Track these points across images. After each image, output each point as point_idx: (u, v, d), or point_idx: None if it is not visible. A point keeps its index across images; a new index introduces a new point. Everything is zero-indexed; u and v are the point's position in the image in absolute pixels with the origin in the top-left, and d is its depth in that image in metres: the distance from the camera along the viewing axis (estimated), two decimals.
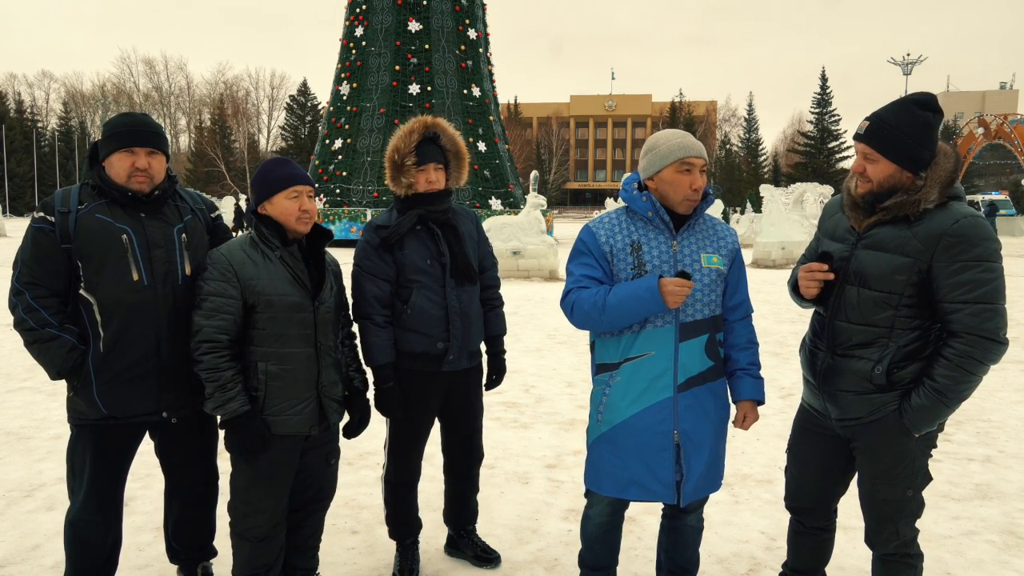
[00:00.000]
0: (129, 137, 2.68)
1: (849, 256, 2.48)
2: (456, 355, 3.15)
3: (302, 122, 74.86)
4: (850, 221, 2.52)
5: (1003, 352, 2.33)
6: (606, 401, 2.64)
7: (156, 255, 2.70)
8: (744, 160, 78.80)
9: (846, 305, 2.48)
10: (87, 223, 2.64)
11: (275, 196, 2.67)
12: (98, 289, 2.64)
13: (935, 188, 2.35)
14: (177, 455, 2.97)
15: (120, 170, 2.68)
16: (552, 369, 7.58)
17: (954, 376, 2.31)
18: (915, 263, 2.34)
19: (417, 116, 3.28)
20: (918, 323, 2.40)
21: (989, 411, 6.12)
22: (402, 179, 3.13)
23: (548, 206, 23.14)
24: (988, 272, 2.28)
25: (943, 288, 2.31)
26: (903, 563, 2.56)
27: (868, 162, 2.41)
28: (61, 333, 2.63)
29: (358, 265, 3.13)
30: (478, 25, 29.33)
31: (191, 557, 3.15)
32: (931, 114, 2.38)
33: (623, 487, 2.63)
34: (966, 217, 2.30)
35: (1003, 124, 46.36)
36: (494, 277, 3.42)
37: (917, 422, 2.39)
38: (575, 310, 2.62)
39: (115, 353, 2.65)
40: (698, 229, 2.67)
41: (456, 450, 3.40)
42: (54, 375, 2.68)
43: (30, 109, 74.57)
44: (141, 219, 2.71)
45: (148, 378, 2.70)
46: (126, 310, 2.65)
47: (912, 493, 2.48)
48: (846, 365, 2.49)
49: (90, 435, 2.73)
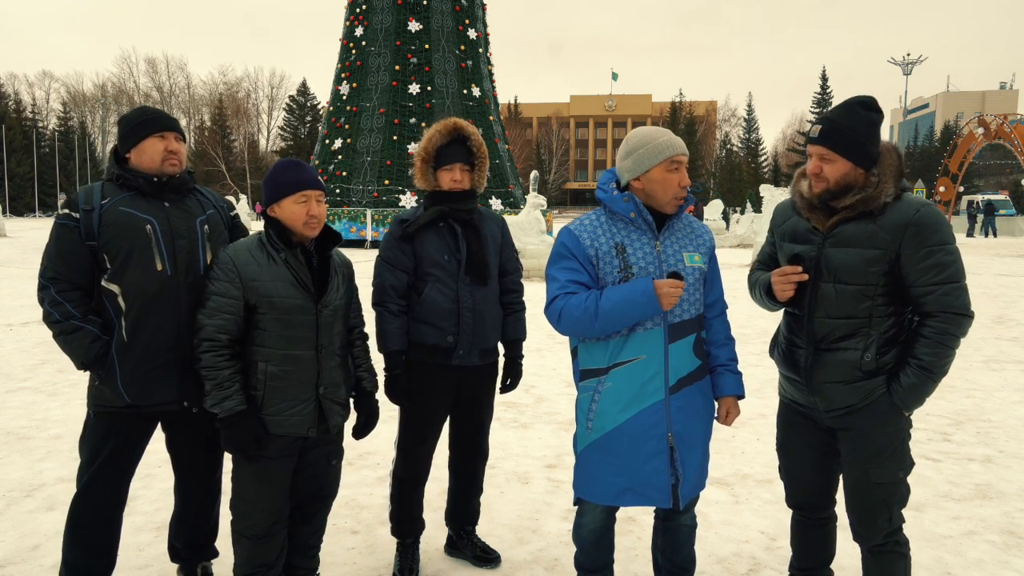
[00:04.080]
0: (160, 123, 2.81)
1: (818, 255, 2.57)
2: (466, 350, 3.19)
3: (302, 122, 74.86)
4: (811, 222, 2.60)
5: (971, 324, 2.50)
6: (596, 408, 2.59)
7: (179, 245, 2.78)
8: (744, 160, 78.81)
9: (824, 302, 2.56)
10: (111, 217, 2.71)
11: (283, 200, 2.67)
12: (123, 279, 2.71)
13: (890, 182, 2.50)
14: (190, 446, 3.00)
15: (154, 154, 2.78)
16: (552, 369, 7.58)
17: (937, 352, 2.45)
18: (885, 253, 2.47)
19: (417, 116, 3.33)
20: (893, 310, 2.53)
21: (989, 411, 6.12)
22: (429, 176, 3.24)
23: (548, 206, 23.11)
24: (950, 255, 2.45)
25: (912, 273, 2.46)
26: (895, 552, 2.62)
27: (825, 162, 2.52)
28: (84, 324, 2.70)
29: (380, 255, 3.25)
30: (478, 25, 29.30)
31: (192, 556, 3.16)
32: (875, 114, 2.54)
33: (617, 494, 2.60)
34: (924, 206, 2.48)
35: (1003, 124, 46.31)
36: (516, 282, 3.45)
37: (908, 400, 2.50)
38: (563, 317, 2.54)
39: (137, 342, 2.71)
40: (678, 229, 2.66)
41: (461, 446, 3.43)
42: (79, 365, 2.75)
43: (30, 109, 74.57)
44: (165, 209, 2.79)
45: (171, 367, 2.75)
46: (149, 299, 2.72)
47: (903, 475, 2.59)
48: (833, 358, 2.56)
49: (108, 421, 2.79)
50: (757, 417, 5.79)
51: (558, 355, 8.28)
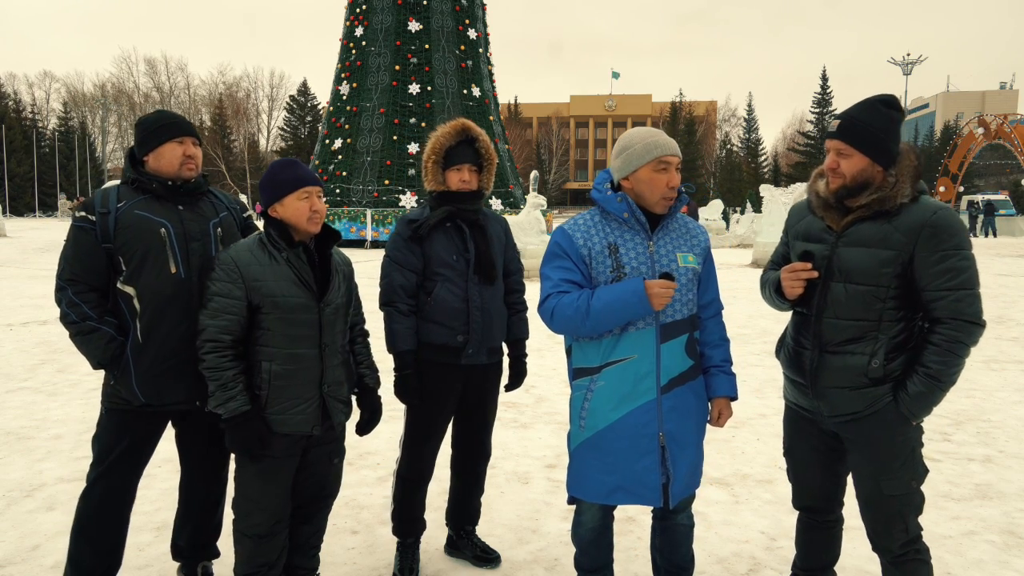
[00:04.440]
0: (179, 127, 2.85)
1: (830, 254, 2.53)
2: (475, 349, 3.22)
3: (302, 122, 74.84)
4: (825, 222, 2.58)
5: (982, 333, 2.44)
6: (588, 406, 2.61)
7: (193, 248, 2.83)
8: (744, 160, 78.82)
9: (833, 302, 2.53)
10: (126, 220, 2.76)
11: (286, 198, 2.69)
12: (138, 281, 2.75)
13: (907, 183, 2.45)
14: (201, 443, 3.03)
15: (173, 158, 2.82)
16: (552, 369, 7.58)
17: (946, 360, 2.39)
18: (899, 255, 2.42)
19: (417, 116, 3.34)
20: (903, 314, 2.48)
21: (989, 411, 6.12)
22: (438, 177, 3.25)
23: (548, 206, 23.11)
24: (965, 260, 2.39)
25: (925, 277, 2.41)
26: (917, 560, 2.56)
27: (842, 157, 2.49)
28: (100, 326, 2.75)
29: (388, 255, 3.25)
30: (478, 25, 29.28)
31: (194, 555, 3.17)
32: (896, 112, 2.50)
33: (608, 493, 2.61)
34: (941, 209, 2.42)
35: (1003, 124, 46.37)
36: (519, 282, 3.48)
37: (916, 409, 2.44)
38: (555, 316, 2.56)
39: (152, 343, 2.76)
40: (672, 229, 2.66)
41: (464, 445, 3.45)
42: (95, 365, 2.79)
43: (30, 109, 74.57)
44: (179, 212, 2.83)
45: (184, 367, 2.77)
46: (163, 301, 2.76)
47: (916, 485, 2.52)
48: (839, 361, 2.52)
49: (120, 419, 2.83)
50: (757, 417, 5.80)
51: (558, 355, 8.28)
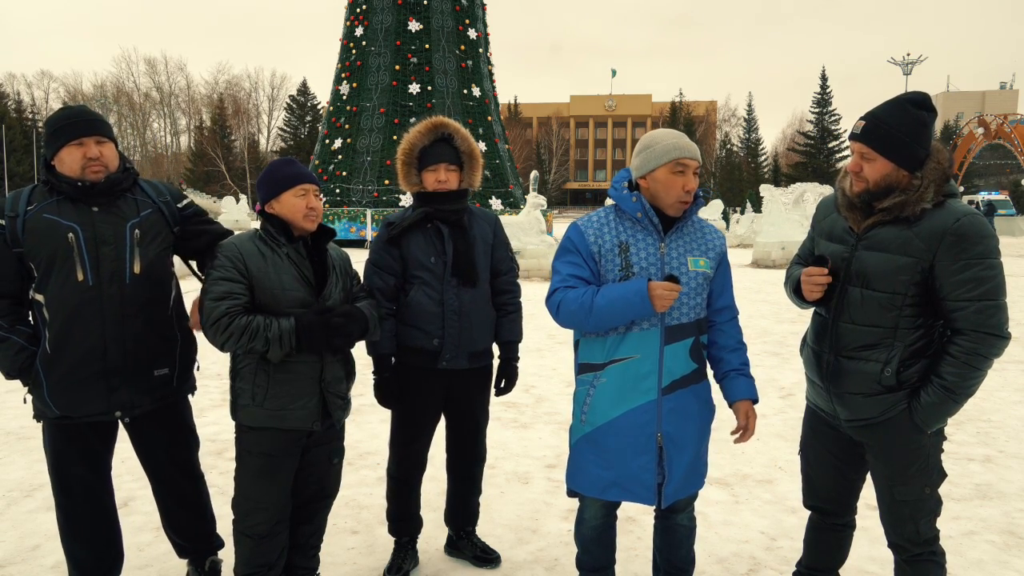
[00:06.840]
0: (76, 129, 2.64)
1: (850, 257, 2.47)
2: (452, 354, 3.15)
3: (302, 122, 74.78)
4: (848, 222, 2.51)
5: (1006, 346, 2.35)
6: (590, 402, 2.63)
7: (104, 253, 2.66)
8: (744, 160, 78.83)
9: (850, 306, 2.47)
10: (34, 224, 2.61)
11: (283, 194, 2.70)
12: (46, 289, 2.64)
13: (932, 187, 2.34)
14: (151, 452, 2.98)
15: (73, 163, 2.64)
16: (552, 369, 7.58)
17: (962, 373, 2.32)
18: (918, 262, 2.33)
19: (417, 116, 3.30)
20: (921, 321, 2.40)
21: (989, 411, 6.12)
22: (412, 178, 3.18)
23: (548, 206, 23.13)
24: (990, 269, 2.29)
25: (946, 286, 2.31)
26: (931, 562, 2.55)
27: (865, 161, 2.39)
28: (10, 335, 2.66)
29: (369, 259, 3.21)
30: (478, 25, 29.28)
31: (197, 549, 3.16)
32: (926, 113, 2.37)
33: (604, 488, 2.63)
34: (967, 215, 2.30)
35: (1003, 124, 46.37)
36: (511, 282, 3.35)
37: (928, 419, 2.40)
38: (561, 309, 2.59)
39: (60, 353, 2.65)
40: (686, 232, 2.65)
41: (457, 449, 3.42)
42: (5, 375, 2.71)
43: (30, 109, 74.53)
44: (92, 214, 2.66)
45: (96, 378, 2.68)
46: (70, 310, 2.63)
47: (929, 491, 2.49)
48: (854, 367, 2.47)
49: (51, 431, 2.78)
50: (757, 417, 5.78)
51: (558, 355, 8.28)
